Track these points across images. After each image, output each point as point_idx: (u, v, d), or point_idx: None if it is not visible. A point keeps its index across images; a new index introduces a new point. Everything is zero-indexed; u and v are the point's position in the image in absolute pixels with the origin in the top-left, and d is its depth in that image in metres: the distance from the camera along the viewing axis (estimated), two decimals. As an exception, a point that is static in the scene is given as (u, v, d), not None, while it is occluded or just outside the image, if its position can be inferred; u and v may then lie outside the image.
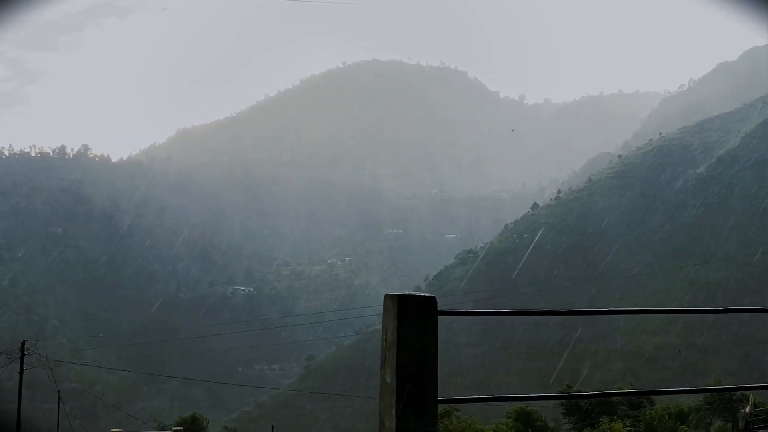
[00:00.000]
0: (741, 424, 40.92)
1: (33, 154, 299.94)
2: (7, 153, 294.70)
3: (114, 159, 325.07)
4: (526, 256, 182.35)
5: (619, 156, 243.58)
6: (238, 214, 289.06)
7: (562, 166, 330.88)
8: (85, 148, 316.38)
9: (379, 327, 4.80)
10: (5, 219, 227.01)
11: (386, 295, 4.99)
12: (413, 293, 5.08)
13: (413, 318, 4.85)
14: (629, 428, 47.75)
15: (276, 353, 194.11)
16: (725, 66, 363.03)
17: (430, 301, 4.95)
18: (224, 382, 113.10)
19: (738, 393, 47.69)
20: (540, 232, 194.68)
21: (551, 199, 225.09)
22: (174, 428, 38.29)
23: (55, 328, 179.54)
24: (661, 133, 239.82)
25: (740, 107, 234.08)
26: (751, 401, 41.60)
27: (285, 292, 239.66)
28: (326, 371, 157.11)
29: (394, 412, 4.77)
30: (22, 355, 36.51)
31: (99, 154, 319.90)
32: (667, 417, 48.85)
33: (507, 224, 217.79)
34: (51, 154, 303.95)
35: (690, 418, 52.50)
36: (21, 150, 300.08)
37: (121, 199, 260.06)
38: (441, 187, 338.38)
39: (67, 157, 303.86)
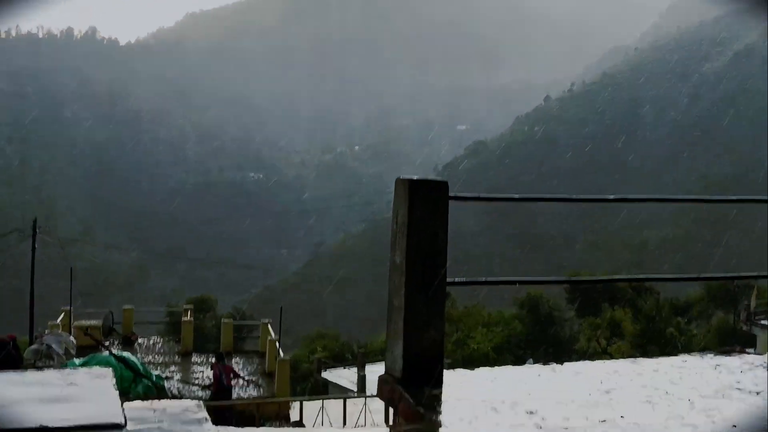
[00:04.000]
0: (743, 315, 41.47)
1: (40, 36, 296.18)
2: (14, 33, 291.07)
3: (122, 42, 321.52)
4: (536, 148, 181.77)
5: (636, 49, 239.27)
6: (248, 99, 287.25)
7: (576, 59, 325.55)
8: (93, 30, 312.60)
9: (387, 216, 4.78)
10: (14, 100, 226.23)
11: (398, 179, 4.95)
12: (425, 177, 5.05)
13: (425, 201, 4.82)
14: (631, 317, 48.60)
15: (284, 239, 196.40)
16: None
17: (442, 186, 4.92)
18: (234, 265, 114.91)
19: (741, 285, 48.21)
20: (552, 125, 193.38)
21: (564, 92, 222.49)
22: (184, 306, 39.07)
23: (65, 208, 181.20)
24: (679, 26, 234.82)
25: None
26: (754, 292, 42.02)
27: (294, 180, 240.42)
28: (334, 257, 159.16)
29: (403, 292, 4.81)
30: (34, 233, 36.88)
31: (107, 36, 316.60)
32: (668, 307, 49.62)
33: (519, 116, 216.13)
34: (58, 36, 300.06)
35: (692, 309, 53.29)
36: (28, 31, 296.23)
37: (130, 82, 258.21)
38: (454, 77, 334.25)
39: (74, 39, 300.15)
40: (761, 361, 5.64)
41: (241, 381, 27.92)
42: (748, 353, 5.99)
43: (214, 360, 25.95)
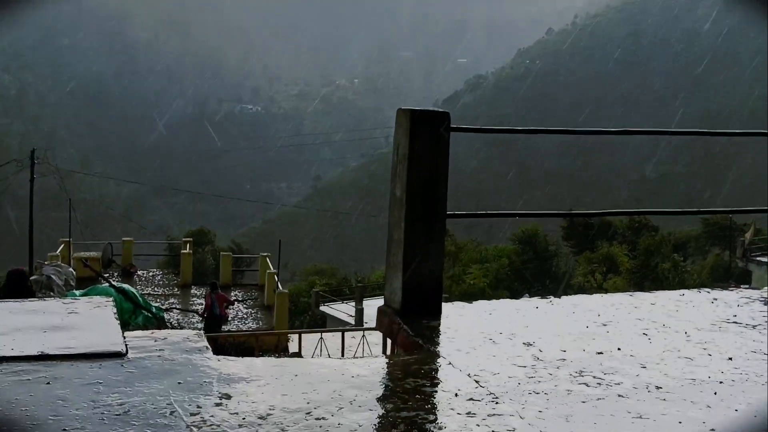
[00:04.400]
0: (739, 252, 41.67)
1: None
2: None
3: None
4: (537, 82, 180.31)
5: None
6: (246, 30, 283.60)
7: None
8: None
9: (386, 150, 4.73)
10: (11, 28, 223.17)
11: (399, 110, 4.93)
12: (427, 108, 5.02)
13: (426, 132, 4.80)
14: (627, 254, 48.85)
15: (283, 172, 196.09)
16: None
17: (444, 117, 4.90)
18: (233, 198, 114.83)
19: (738, 222, 48.38)
20: (553, 58, 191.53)
21: (567, 25, 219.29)
22: (183, 239, 39.20)
23: (63, 139, 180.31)
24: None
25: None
26: (751, 229, 42.12)
27: (292, 112, 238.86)
28: (333, 191, 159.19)
29: (403, 225, 4.81)
30: (32, 164, 36.75)
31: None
32: (665, 243, 49.80)
33: (520, 49, 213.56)
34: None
35: (689, 245, 53.51)
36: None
37: (128, 11, 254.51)
38: (455, 9, 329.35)
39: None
40: (759, 296, 5.68)
41: (236, 306, 28.16)
42: (744, 289, 6.04)
43: (207, 290, 26.15)
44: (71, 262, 30.75)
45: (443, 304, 4.97)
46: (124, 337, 4.14)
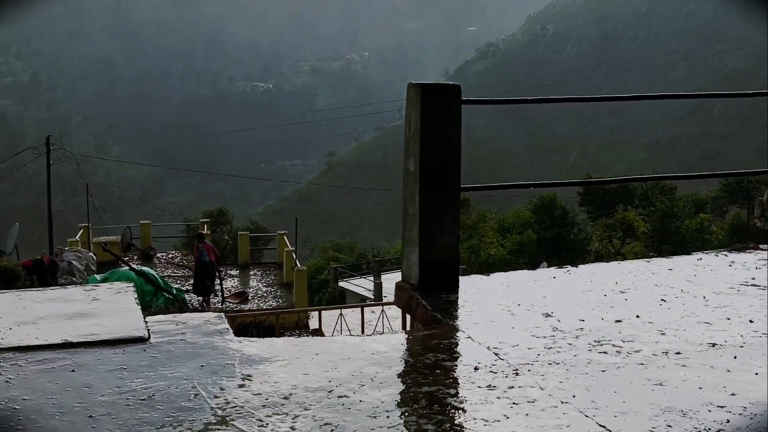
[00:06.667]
0: (757, 211, 41.43)
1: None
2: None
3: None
4: (548, 47, 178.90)
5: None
6: (253, 7, 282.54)
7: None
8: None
9: (399, 123, 4.74)
10: (19, 15, 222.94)
11: (410, 84, 4.92)
12: (437, 82, 5.01)
13: (437, 106, 4.80)
14: (643, 216, 48.62)
15: (297, 149, 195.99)
16: None
17: (454, 90, 4.88)
18: (248, 177, 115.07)
19: (755, 181, 48.02)
20: (564, 23, 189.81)
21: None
22: (201, 220, 39.34)
23: (78, 124, 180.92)
24: None
25: None
26: (768, 190, 41.86)
27: (304, 89, 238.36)
28: (347, 166, 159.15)
29: (417, 199, 4.82)
30: (48, 150, 36.92)
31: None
32: (682, 205, 49.52)
33: (530, 15, 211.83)
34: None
35: (707, 206, 53.20)
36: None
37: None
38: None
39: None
40: (776, 257, 5.65)
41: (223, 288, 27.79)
42: (762, 249, 6.01)
43: (195, 242, 25.99)
44: (91, 247, 30.94)
45: (461, 277, 4.99)
46: (146, 322, 4.19)
